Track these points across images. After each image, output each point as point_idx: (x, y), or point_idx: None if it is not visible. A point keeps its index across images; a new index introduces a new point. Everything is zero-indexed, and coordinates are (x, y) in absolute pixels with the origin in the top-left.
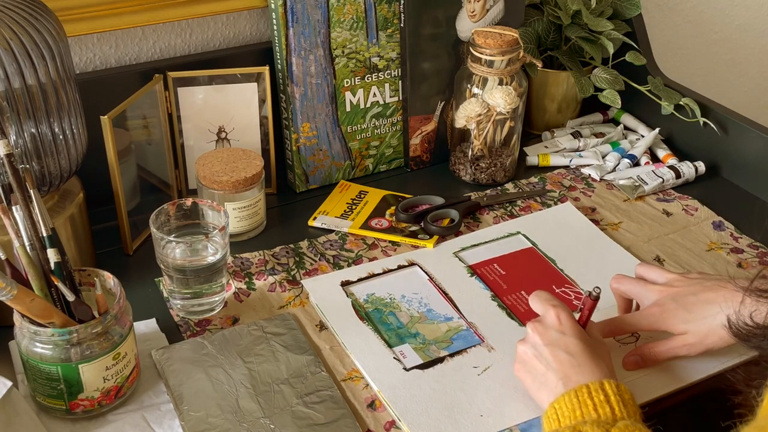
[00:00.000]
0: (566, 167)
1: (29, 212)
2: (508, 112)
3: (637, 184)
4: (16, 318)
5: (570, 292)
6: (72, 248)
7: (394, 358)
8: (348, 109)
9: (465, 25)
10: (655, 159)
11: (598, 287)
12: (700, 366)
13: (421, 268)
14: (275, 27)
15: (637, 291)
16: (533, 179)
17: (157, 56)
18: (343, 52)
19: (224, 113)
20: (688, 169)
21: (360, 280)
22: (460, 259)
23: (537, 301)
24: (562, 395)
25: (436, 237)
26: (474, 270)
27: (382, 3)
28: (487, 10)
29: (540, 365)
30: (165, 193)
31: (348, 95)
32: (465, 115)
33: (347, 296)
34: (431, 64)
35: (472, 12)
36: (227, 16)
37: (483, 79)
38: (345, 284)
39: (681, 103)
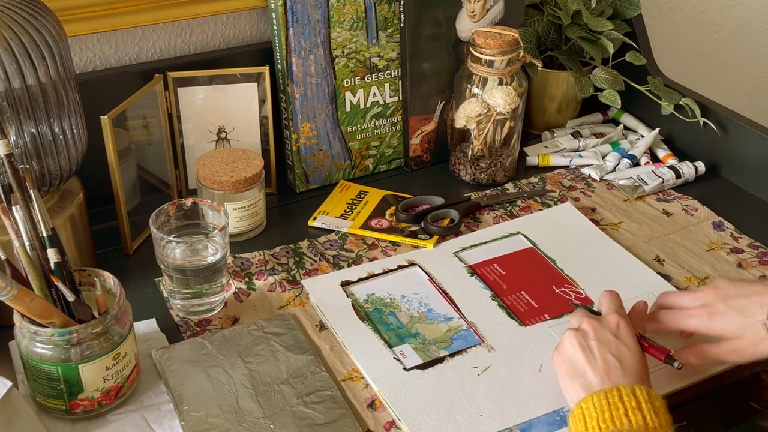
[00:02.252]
0: (566, 167)
1: (29, 212)
2: (508, 112)
3: (637, 184)
4: (16, 318)
5: (570, 292)
6: (72, 248)
7: (394, 358)
8: (348, 109)
9: (465, 25)
10: (655, 159)
11: (680, 363)
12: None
13: (421, 268)
14: (275, 27)
15: (679, 322)
16: (533, 179)
17: (157, 56)
18: (343, 52)
19: (224, 113)
20: (688, 169)
21: (360, 280)
22: (460, 259)
23: (606, 301)
24: (591, 395)
25: (436, 237)
26: (474, 270)
27: (382, 3)
28: (487, 10)
29: (582, 356)
30: (165, 193)
31: (348, 95)
32: (465, 115)
33: (347, 296)
34: (431, 64)
35: (472, 12)
36: (227, 16)
37: (483, 79)
38: (345, 284)
39: (681, 103)
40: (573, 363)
